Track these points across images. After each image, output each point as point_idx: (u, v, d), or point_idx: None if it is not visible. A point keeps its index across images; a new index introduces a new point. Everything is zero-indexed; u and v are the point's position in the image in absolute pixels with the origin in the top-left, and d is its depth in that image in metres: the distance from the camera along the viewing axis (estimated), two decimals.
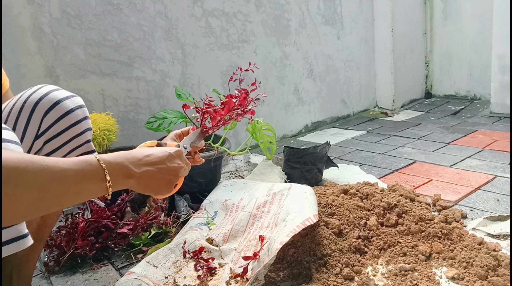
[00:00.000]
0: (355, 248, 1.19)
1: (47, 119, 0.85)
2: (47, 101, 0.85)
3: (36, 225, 0.92)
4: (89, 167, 0.64)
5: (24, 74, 1.70)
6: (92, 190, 0.65)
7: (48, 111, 0.85)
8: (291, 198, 1.33)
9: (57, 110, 0.86)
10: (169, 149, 0.79)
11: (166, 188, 0.78)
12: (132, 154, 0.73)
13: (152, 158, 0.75)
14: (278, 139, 2.64)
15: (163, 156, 0.77)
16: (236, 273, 1.12)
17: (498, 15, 2.67)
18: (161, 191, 0.77)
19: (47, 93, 0.86)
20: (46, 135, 0.86)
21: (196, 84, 2.23)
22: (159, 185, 0.76)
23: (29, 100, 0.85)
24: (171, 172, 0.77)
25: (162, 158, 0.76)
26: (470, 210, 1.46)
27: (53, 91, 0.88)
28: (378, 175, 1.88)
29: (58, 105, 0.86)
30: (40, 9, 1.71)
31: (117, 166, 0.68)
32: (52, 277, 1.24)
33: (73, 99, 0.89)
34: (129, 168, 0.70)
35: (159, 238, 1.39)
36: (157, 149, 0.78)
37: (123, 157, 0.71)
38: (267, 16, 2.50)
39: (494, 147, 2.13)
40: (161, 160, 0.76)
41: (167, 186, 0.78)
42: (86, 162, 0.64)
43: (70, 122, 0.87)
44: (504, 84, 2.71)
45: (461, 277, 1.07)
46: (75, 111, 0.88)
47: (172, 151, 0.79)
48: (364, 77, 3.22)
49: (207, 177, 1.66)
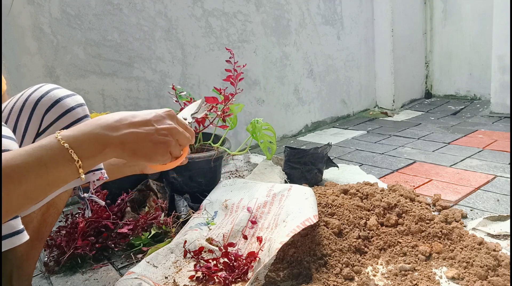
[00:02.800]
0: (355, 248, 1.19)
1: (47, 117, 0.85)
2: (48, 100, 0.85)
3: (36, 223, 0.92)
4: (48, 152, 0.57)
5: (24, 74, 1.69)
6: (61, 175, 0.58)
7: (49, 109, 0.85)
8: (291, 199, 1.33)
9: (58, 108, 0.86)
10: (159, 110, 0.70)
11: (162, 152, 0.67)
12: (105, 117, 0.64)
13: (136, 119, 0.65)
14: (278, 139, 2.64)
15: (148, 116, 0.67)
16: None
17: (498, 15, 2.67)
18: (156, 157, 0.67)
19: (48, 92, 0.87)
20: (46, 133, 0.86)
21: (196, 84, 2.23)
22: (151, 149, 0.66)
23: (30, 98, 0.86)
24: (161, 132, 0.67)
25: (148, 119, 0.67)
26: (470, 210, 1.46)
27: (54, 89, 0.88)
28: (378, 175, 1.88)
29: (59, 103, 0.86)
30: (40, 9, 1.71)
31: (84, 138, 0.60)
32: (52, 277, 1.24)
33: (73, 97, 0.89)
34: (103, 135, 0.61)
35: (159, 238, 1.39)
36: (144, 111, 0.69)
37: (93, 124, 0.62)
38: (267, 16, 2.50)
39: (494, 147, 2.13)
40: (147, 121, 0.66)
41: (162, 149, 0.67)
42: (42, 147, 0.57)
43: (71, 120, 0.87)
44: (504, 84, 2.71)
45: (461, 277, 1.07)
46: (75, 109, 0.88)
47: (161, 111, 0.70)
48: (364, 77, 3.22)
49: (207, 177, 1.66)
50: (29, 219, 0.90)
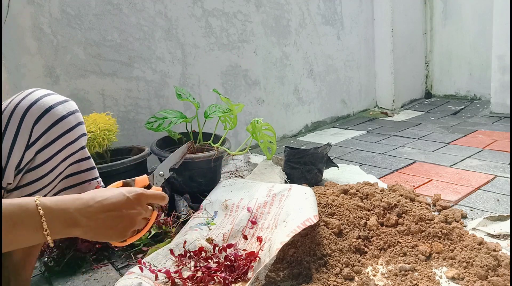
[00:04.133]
0: (355, 248, 1.19)
1: (38, 127, 0.80)
2: (37, 109, 0.80)
3: None
4: (23, 213, 0.59)
5: (24, 74, 1.69)
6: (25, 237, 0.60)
7: (39, 119, 0.80)
8: (292, 199, 1.33)
9: (48, 118, 0.81)
10: (129, 192, 0.71)
11: (119, 236, 0.70)
12: (82, 199, 0.66)
13: (106, 203, 0.67)
14: (278, 139, 2.64)
15: (119, 201, 0.69)
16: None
17: (498, 15, 2.67)
18: (113, 239, 0.70)
19: (38, 100, 0.81)
20: (37, 145, 0.82)
21: (196, 84, 2.23)
22: (110, 233, 0.68)
23: (18, 107, 0.80)
24: (125, 219, 0.69)
25: (118, 204, 0.68)
26: (470, 210, 1.46)
27: (44, 96, 0.83)
28: (378, 175, 1.88)
29: (49, 112, 0.81)
30: (40, 9, 1.71)
31: (59, 213, 0.62)
32: (52, 277, 1.24)
33: (65, 104, 0.84)
34: (75, 216, 0.63)
35: (159, 238, 1.39)
36: (114, 192, 0.70)
37: (70, 203, 0.64)
38: (267, 16, 2.50)
39: (494, 147, 2.13)
40: (116, 207, 0.68)
41: (120, 233, 0.70)
42: (20, 206, 0.59)
43: (63, 129, 0.83)
44: (504, 84, 2.71)
45: (461, 277, 1.07)
46: (67, 117, 0.83)
47: (130, 195, 0.71)
48: (364, 77, 3.23)
49: (207, 177, 1.66)
50: None
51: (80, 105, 1.88)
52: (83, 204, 0.65)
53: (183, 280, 1.10)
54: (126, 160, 1.57)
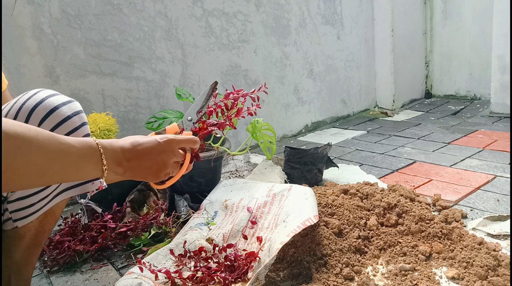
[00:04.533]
0: (355, 248, 1.19)
1: (43, 127, 0.80)
2: (43, 109, 0.81)
3: (34, 231, 0.91)
4: (89, 148, 0.68)
5: (24, 74, 1.69)
6: (90, 169, 0.69)
7: (44, 119, 0.81)
8: (292, 199, 1.33)
9: (53, 118, 0.82)
10: (161, 138, 0.81)
11: (153, 177, 0.80)
12: (126, 144, 0.76)
13: (140, 148, 0.77)
14: (278, 139, 2.64)
15: (151, 146, 0.78)
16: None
17: (498, 15, 2.67)
18: (149, 179, 0.80)
19: (43, 100, 0.82)
20: None
21: (196, 84, 2.23)
22: (145, 174, 0.79)
23: (24, 107, 0.81)
24: (158, 162, 0.79)
25: (151, 149, 0.78)
26: (470, 210, 1.46)
27: (49, 97, 0.83)
28: (378, 175, 1.88)
29: (54, 112, 0.82)
30: (40, 9, 1.71)
31: (112, 152, 0.72)
32: (52, 277, 1.24)
33: (70, 105, 0.85)
34: (121, 158, 0.74)
35: (159, 238, 1.39)
36: (149, 139, 0.79)
37: (118, 146, 0.74)
38: (267, 16, 2.50)
39: (494, 147, 2.13)
40: (149, 151, 0.78)
41: (154, 175, 0.80)
42: (87, 143, 0.69)
43: (67, 129, 0.83)
44: (504, 84, 2.71)
45: (461, 277, 1.07)
46: (72, 118, 0.84)
47: (162, 141, 0.80)
48: (364, 77, 3.22)
49: (207, 177, 1.66)
50: (27, 228, 0.90)
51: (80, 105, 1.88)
52: (127, 149, 0.76)
53: (183, 280, 1.10)
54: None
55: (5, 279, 0.89)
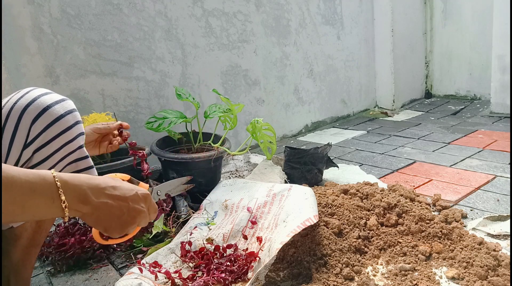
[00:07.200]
0: (355, 248, 1.19)
1: (35, 127, 0.80)
2: (35, 108, 0.80)
3: (31, 231, 0.91)
4: (41, 181, 0.59)
5: (24, 74, 1.69)
6: (42, 207, 0.60)
7: (36, 118, 0.80)
8: (292, 199, 1.33)
9: (46, 117, 0.81)
10: (138, 189, 0.73)
11: (118, 229, 0.70)
12: (95, 180, 0.67)
13: (117, 192, 0.69)
14: (278, 139, 2.64)
15: (129, 193, 0.70)
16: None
17: (498, 15, 2.67)
18: (111, 230, 0.70)
19: (35, 99, 0.81)
20: (35, 144, 0.81)
21: (196, 84, 2.23)
22: (112, 223, 0.69)
23: (16, 106, 0.79)
24: (131, 212, 0.70)
25: (127, 196, 0.70)
26: (470, 210, 1.46)
27: (42, 95, 0.82)
28: (378, 175, 1.88)
29: (47, 111, 0.81)
30: (40, 9, 1.71)
31: (74, 188, 0.63)
32: (52, 277, 1.24)
33: (62, 103, 0.84)
34: (87, 194, 0.64)
35: (159, 238, 1.39)
36: (126, 184, 0.72)
37: (83, 181, 0.65)
38: (267, 16, 2.50)
39: (494, 147, 2.13)
40: (125, 197, 0.69)
41: (120, 226, 0.70)
42: (39, 176, 0.60)
43: (60, 129, 0.82)
44: (504, 84, 2.71)
45: (461, 277, 1.07)
46: (65, 117, 0.83)
47: (140, 192, 0.73)
48: (364, 77, 3.22)
49: (207, 177, 1.66)
50: (23, 228, 0.90)
51: (80, 105, 1.88)
52: (96, 185, 0.66)
53: (183, 280, 1.10)
54: (126, 160, 1.57)
55: (4, 279, 0.89)
